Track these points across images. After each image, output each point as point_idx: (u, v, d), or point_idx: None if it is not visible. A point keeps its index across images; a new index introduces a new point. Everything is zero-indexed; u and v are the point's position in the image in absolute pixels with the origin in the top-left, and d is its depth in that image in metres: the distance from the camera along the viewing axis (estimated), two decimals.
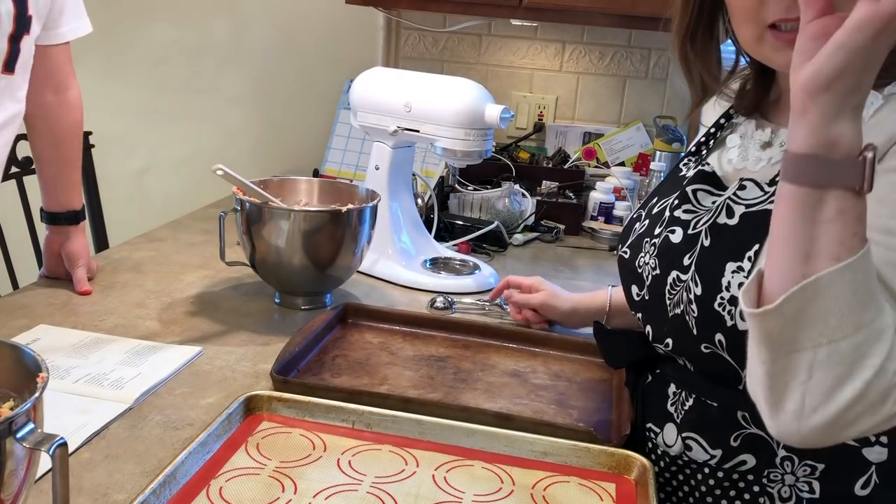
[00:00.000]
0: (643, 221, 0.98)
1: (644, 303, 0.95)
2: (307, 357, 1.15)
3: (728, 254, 0.82)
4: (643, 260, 0.94)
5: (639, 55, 2.26)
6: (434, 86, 1.50)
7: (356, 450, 0.91)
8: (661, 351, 0.95)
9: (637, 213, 1.02)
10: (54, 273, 1.42)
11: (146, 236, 1.72)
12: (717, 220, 0.86)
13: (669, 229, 0.91)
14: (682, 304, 0.87)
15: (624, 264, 1.00)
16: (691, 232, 0.88)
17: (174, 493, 0.80)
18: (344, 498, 0.82)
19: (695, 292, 0.84)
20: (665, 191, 0.98)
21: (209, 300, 1.38)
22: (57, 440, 0.61)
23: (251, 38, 2.45)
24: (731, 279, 0.81)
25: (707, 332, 0.84)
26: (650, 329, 0.95)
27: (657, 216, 0.95)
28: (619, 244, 1.03)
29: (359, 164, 2.18)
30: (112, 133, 2.36)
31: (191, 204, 2.02)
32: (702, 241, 0.86)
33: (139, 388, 1.03)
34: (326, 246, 1.31)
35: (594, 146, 2.27)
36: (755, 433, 0.85)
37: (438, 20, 2.31)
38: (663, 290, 0.90)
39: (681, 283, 0.87)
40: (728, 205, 0.86)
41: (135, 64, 2.50)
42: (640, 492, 0.86)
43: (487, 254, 1.77)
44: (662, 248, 0.91)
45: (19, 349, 0.70)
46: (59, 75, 1.36)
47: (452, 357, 1.20)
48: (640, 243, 0.96)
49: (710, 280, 0.83)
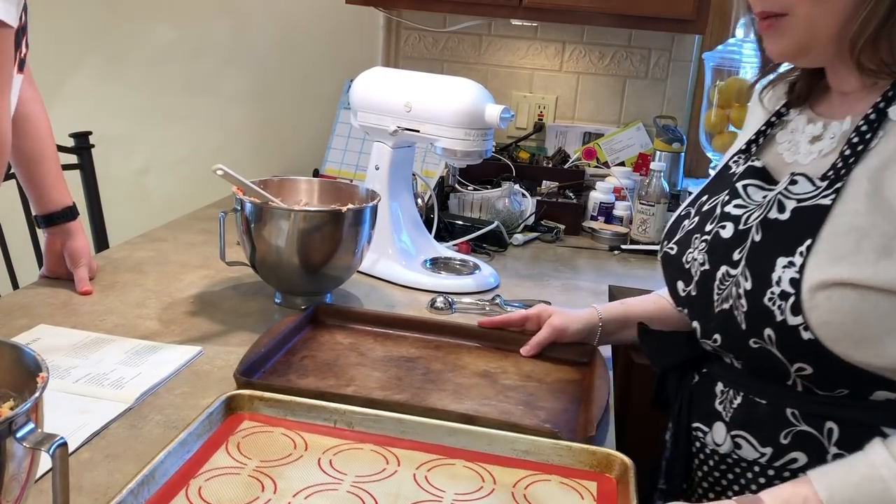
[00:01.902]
0: (692, 218, 0.98)
1: (691, 298, 0.95)
2: (274, 358, 1.14)
3: (779, 248, 0.82)
4: (691, 256, 0.94)
5: (639, 55, 2.26)
6: (434, 86, 1.50)
7: (337, 449, 0.91)
8: (710, 347, 0.94)
9: (685, 211, 1.01)
10: (55, 274, 1.41)
11: (146, 236, 1.72)
12: (768, 214, 0.86)
13: (720, 225, 0.91)
14: (731, 298, 0.87)
15: (670, 260, 0.99)
16: (742, 227, 0.88)
17: (153, 492, 0.79)
18: (323, 497, 0.82)
19: (744, 287, 0.84)
20: (715, 188, 0.98)
21: (209, 300, 1.38)
22: (57, 440, 0.61)
23: (251, 38, 2.45)
24: (782, 274, 0.81)
25: (756, 326, 0.84)
26: (698, 325, 0.95)
27: (708, 213, 0.95)
28: (664, 241, 1.02)
29: (359, 164, 2.18)
30: (112, 133, 2.36)
31: (191, 204, 2.02)
32: (752, 236, 0.86)
33: (139, 388, 1.03)
34: (326, 246, 1.31)
35: (594, 146, 2.27)
36: (805, 430, 0.85)
37: (438, 20, 2.31)
38: (712, 285, 0.90)
39: (730, 278, 0.87)
40: (779, 199, 0.86)
41: (135, 64, 2.50)
42: (621, 490, 0.86)
43: (487, 254, 1.77)
44: (713, 243, 0.91)
45: (19, 349, 0.70)
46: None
47: (423, 358, 1.19)
48: (688, 239, 0.96)
49: (761, 275, 0.83)
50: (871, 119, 0.82)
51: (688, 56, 2.23)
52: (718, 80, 2.11)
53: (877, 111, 0.83)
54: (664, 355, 1.06)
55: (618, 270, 1.76)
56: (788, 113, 0.97)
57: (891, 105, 0.82)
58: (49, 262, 1.41)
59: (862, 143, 0.82)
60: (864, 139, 0.82)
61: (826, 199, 0.82)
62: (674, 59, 2.24)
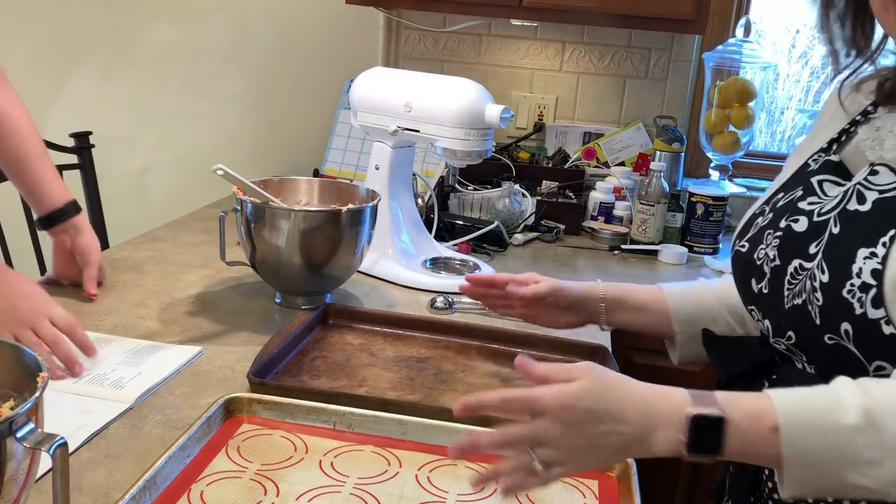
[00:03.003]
0: (766, 216, 0.95)
1: (762, 296, 0.92)
2: (286, 359, 1.14)
3: (861, 239, 0.80)
4: (763, 252, 0.92)
5: (639, 55, 2.26)
6: (434, 86, 1.50)
7: (338, 451, 0.91)
8: (783, 346, 0.90)
9: (760, 209, 0.98)
10: (63, 276, 1.37)
11: (146, 236, 1.72)
12: (847, 206, 0.83)
13: (792, 219, 0.88)
14: (804, 293, 0.84)
15: (741, 258, 0.96)
16: (817, 219, 0.86)
17: (155, 498, 0.79)
18: (327, 500, 0.82)
19: (821, 280, 0.82)
20: (791, 185, 0.96)
21: (209, 300, 1.38)
22: (57, 440, 0.61)
23: (251, 38, 2.45)
24: (864, 265, 0.79)
25: (832, 321, 0.81)
26: (769, 324, 0.92)
27: (782, 209, 0.92)
28: (736, 239, 0.99)
29: (359, 164, 2.18)
30: (112, 133, 2.36)
31: (191, 204, 2.02)
32: (830, 229, 0.84)
33: (139, 388, 1.03)
34: (327, 246, 1.31)
35: (594, 146, 2.27)
36: None
37: (438, 20, 2.31)
38: (783, 280, 0.88)
39: (803, 272, 0.85)
40: (859, 191, 0.84)
41: (135, 64, 2.50)
42: (622, 489, 0.86)
43: (487, 254, 1.77)
44: (785, 238, 0.88)
45: (19, 349, 0.71)
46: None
47: (433, 358, 1.20)
48: (761, 235, 0.93)
49: (839, 267, 0.80)
50: None
51: (688, 56, 2.23)
52: (718, 80, 2.11)
53: None
54: (732, 361, 0.99)
55: (618, 270, 1.76)
56: (876, 111, 0.94)
57: None
58: (58, 265, 1.37)
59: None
60: None
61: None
62: (674, 59, 2.24)
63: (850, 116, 0.96)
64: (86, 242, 1.34)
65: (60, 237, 1.35)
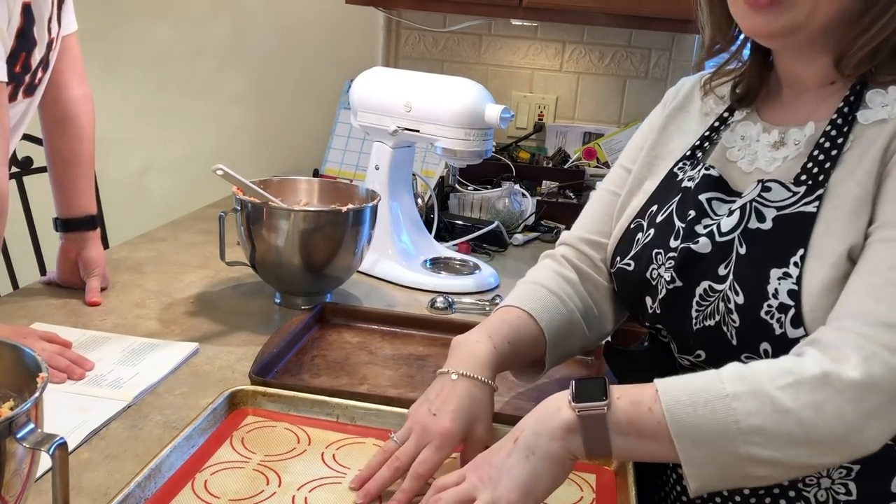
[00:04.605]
0: (647, 232, 0.94)
1: (658, 316, 0.91)
2: (285, 358, 1.14)
3: (770, 259, 0.80)
4: (655, 272, 0.91)
5: (639, 55, 2.26)
6: (434, 86, 1.50)
7: (340, 443, 0.92)
8: (688, 363, 0.91)
9: (635, 223, 0.97)
10: (67, 282, 1.37)
11: (146, 236, 1.72)
12: (749, 225, 0.83)
13: (692, 241, 0.87)
14: (717, 314, 0.84)
15: (627, 276, 0.95)
16: (721, 240, 0.85)
17: (159, 486, 0.80)
18: (327, 491, 0.83)
19: (735, 301, 0.82)
20: (663, 197, 0.95)
21: (209, 300, 1.38)
22: (57, 440, 0.61)
23: (251, 38, 2.45)
24: (779, 286, 0.79)
25: (750, 342, 0.82)
26: (674, 343, 0.92)
27: (664, 225, 0.92)
28: (616, 256, 0.98)
29: (359, 164, 2.18)
30: (112, 133, 2.36)
31: (191, 204, 2.02)
32: (736, 249, 0.84)
33: (137, 388, 1.03)
34: (326, 246, 1.31)
35: (594, 146, 2.27)
36: None
37: (438, 20, 2.31)
38: (687, 301, 0.87)
39: (714, 294, 0.84)
40: (757, 209, 0.84)
41: (135, 64, 2.50)
42: (619, 482, 0.87)
43: (487, 254, 1.77)
44: (683, 259, 0.87)
45: (19, 349, 0.71)
46: (80, 64, 1.33)
47: (432, 355, 1.20)
48: (648, 254, 0.92)
49: (754, 289, 0.81)
50: (839, 124, 0.82)
51: (688, 56, 2.23)
52: None
53: (842, 115, 0.82)
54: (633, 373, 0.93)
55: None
56: (732, 115, 0.95)
57: (857, 110, 0.82)
58: (62, 271, 1.37)
59: (835, 148, 0.82)
60: (836, 144, 0.82)
61: (810, 207, 0.80)
62: (674, 59, 2.24)
63: (708, 121, 0.97)
64: (90, 256, 1.35)
65: (68, 244, 1.36)
